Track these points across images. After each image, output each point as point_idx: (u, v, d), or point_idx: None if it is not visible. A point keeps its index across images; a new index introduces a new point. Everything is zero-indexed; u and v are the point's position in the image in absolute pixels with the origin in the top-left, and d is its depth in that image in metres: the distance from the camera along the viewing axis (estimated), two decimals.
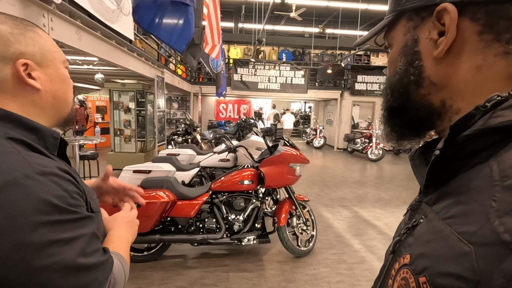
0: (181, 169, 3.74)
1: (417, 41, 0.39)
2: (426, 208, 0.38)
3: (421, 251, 0.33)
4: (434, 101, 0.40)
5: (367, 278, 2.58)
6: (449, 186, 0.34)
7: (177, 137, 7.83)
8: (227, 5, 12.07)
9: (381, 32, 0.46)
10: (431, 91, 0.39)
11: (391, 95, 0.44)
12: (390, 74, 0.44)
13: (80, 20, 2.76)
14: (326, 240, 3.33)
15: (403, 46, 0.41)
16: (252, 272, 2.61)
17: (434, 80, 0.38)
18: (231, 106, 14.26)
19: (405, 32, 0.41)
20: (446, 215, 0.32)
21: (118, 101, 6.09)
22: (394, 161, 9.33)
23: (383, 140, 0.49)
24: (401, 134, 0.46)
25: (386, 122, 0.47)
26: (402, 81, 0.41)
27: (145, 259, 2.71)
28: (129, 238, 0.74)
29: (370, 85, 11.14)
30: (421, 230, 0.36)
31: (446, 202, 0.33)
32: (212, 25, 4.37)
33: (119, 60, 3.83)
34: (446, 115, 0.39)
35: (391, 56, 0.45)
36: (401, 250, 0.39)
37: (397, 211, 4.43)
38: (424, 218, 0.37)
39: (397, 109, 0.44)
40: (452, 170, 0.34)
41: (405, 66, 0.41)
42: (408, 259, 0.35)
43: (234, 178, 2.76)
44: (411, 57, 0.40)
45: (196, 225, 2.73)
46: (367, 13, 11.11)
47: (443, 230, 0.31)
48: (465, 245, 0.27)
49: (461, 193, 0.32)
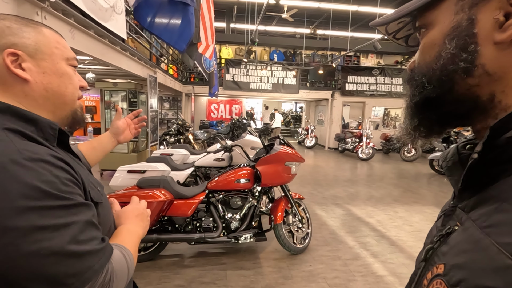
0: (175, 169, 3.73)
1: (475, 22, 0.33)
2: (462, 214, 0.35)
3: (456, 261, 0.31)
4: (482, 93, 0.34)
5: (362, 274, 2.65)
6: (489, 192, 0.32)
7: (169, 137, 7.79)
8: (219, 5, 12.05)
9: (416, 9, 0.39)
10: (481, 82, 0.34)
11: (428, 84, 0.38)
12: (428, 60, 0.38)
13: (73, 19, 2.73)
14: (320, 238, 3.39)
15: (454, 27, 0.35)
16: (250, 270, 2.64)
17: (488, 69, 0.33)
18: (222, 106, 14.24)
19: (456, 11, 0.35)
20: (485, 224, 0.29)
21: (109, 100, 6.01)
22: (383, 160, 9.52)
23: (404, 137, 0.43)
24: (430, 129, 0.41)
25: (415, 115, 0.41)
26: (446, 67, 0.35)
27: (142, 259, 2.70)
28: (139, 232, 0.73)
29: (360, 85, 11.33)
30: (456, 238, 0.34)
31: (485, 209, 0.31)
32: (206, 25, 4.37)
33: (112, 60, 3.80)
34: (492, 111, 0.34)
35: (431, 39, 0.38)
36: (434, 259, 0.36)
37: (388, 209, 4.54)
38: (460, 226, 0.34)
39: (434, 101, 0.38)
40: (492, 175, 0.31)
41: (454, 50, 0.35)
42: (442, 269, 0.32)
43: (230, 177, 2.78)
44: (464, 39, 0.34)
45: (193, 224, 2.73)
46: (357, 15, 11.29)
47: (482, 240, 0.28)
48: (508, 258, 0.25)
49: (502, 200, 0.29)
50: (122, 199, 2.47)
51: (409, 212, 4.42)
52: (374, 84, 11.40)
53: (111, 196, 2.55)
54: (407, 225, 3.88)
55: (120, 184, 3.11)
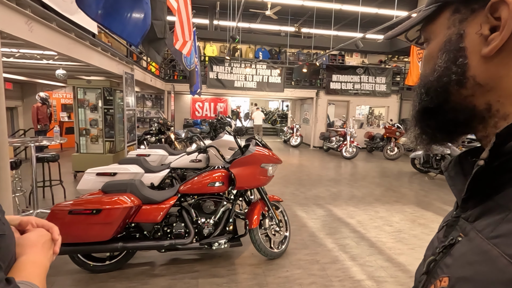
0: (150, 171, 3.56)
1: (463, 36, 0.36)
2: (466, 224, 0.35)
3: (462, 274, 0.30)
4: (478, 103, 0.36)
5: (339, 278, 2.58)
6: (495, 201, 0.31)
7: (150, 137, 7.54)
8: (202, 1, 11.81)
9: (417, 24, 0.42)
10: (475, 93, 0.35)
11: (426, 95, 0.40)
12: (427, 72, 0.40)
13: (30, 10, 2.51)
14: (300, 240, 3.31)
15: (446, 41, 0.37)
16: (223, 277, 2.51)
17: (479, 80, 0.34)
18: (207, 105, 14.01)
19: (448, 25, 0.37)
20: (493, 234, 0.29)
21: (83, 98, 5.72)
22: (367, 158, 9.60)
23: (411, 143, 0.44)
24: (432, 137, 0.42)
25: (417, 123, 0.43)
26: (441, 80, 0.38)
27: (108, 268, 2.53)
28: (45, 263, 0.62)
29: (344, 84, 11.38)
30: (461, 249, 0.33)
31: (491, 219, 0.30)
32: (182, 20, 4.19)
33: (80, 55, 3.57)
34: (491, 120, 0.35)
35: (429, 52, 0.41)
36: (437, 272, 0.36)
37: (369, 208, 4.52)
38: (464, 236, 0.34)
39: (433, 110, 0.40)
40: (498, 183, 0.31)
41: (446, 64, 0.37)
42: (446, 282, 0.32)
43: (204, 180, 2.64)
44: (454, 53, 0.36)
45: (163, 230, 2.58)
46: (341, 13, 11.31)
47: (490, 251, 0.28)
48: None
49: (510, 210, 0.29)
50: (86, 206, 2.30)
51: (390, 211, 4.41)
52: (358, 83, 11.47)
53: (76, 201, 2.37)
54: (387, 226, 3.85)
55: (88, 188, 2.92)
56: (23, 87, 8.41)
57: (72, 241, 2.30)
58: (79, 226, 2.26)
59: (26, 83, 8.18)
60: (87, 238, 2.30)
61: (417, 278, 0.42)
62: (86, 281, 2.41)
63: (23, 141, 3.78)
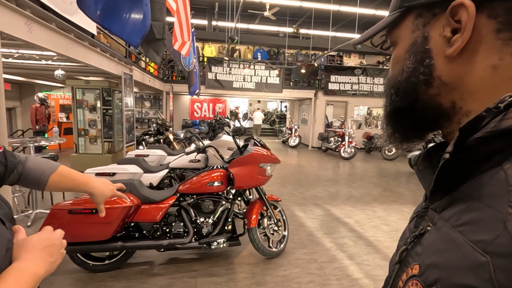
0: (149, 171, 3.57)
1: (428, 39, 0.37)
2: (434, 215, 0.36)
3: (431, 261, 0.31)
4: (443, 102, 0.38)
5: (337, 277, 2.60)
6: (460, 191, 0.33)
7: (148, 137, 7.54)
8: (200, 2, 11.84)
9: (383, 29, 0.44)
10: (441, 92, 0.37)
11: (396, 95, 0.41)
12: (395, 73, 0.42)
13: (30, 10, 2.53)
14: (298, 240, 3.33)
15: (412, 43, 0.39)
16: (222, 277, 2.53)
17: (445, 79, 0.36)
18: (206, 105, 14.01)
19: (413, 29, 0.39)
20: (458, 223, 0.30)
21: (82, 99, 5.73)
22: (365, 159, 9.64)
23: (385, 142, 0.46)
24: (405, 136, 0.44)
25: (389, 123, 0.44)
26: (410, 80, 0.39)
27: (107, 268, 2.54)
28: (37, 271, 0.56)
29: (342, 85, 11.42)
30: (430, 238, 0.35)
31: (456, 209, 0.32)
32: (181, 21, 4.21)
33: (79, 56, 3.59)
34: (455, 117, 0.37)
35: (397, 55, 0.42)
36: (409, 260, 0.37)
37: (367, 208, 4.54)
38: (432, 226, 0.35)
39: (403, 110, 0.42)
40: (462, 175, 0.33)
41: (413, 65, 0.39)
42: (417, 269, 0.33)
43: (202, 179, 2.66)
44: (420, 55, 0.38)
45: (162, 230, 2.60)
46: (339, 14, 11.37)
47: (456, 238, 0.29)
48: (481, 255, 0.25)
49: (473, 199, 0.30)
50: (86, 205, 2.31)
51: (387, 211, 4.44)
52: (356, 84, 11.51)
53: (74, 201, 2.38)
54: (385, 225, 3.88)
55: None
56: (21, 87, 8.40)
57: (71, 241, 2.31)
58: (79, 225, 2.27)
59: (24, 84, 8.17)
60: (87, 237, 2.31)
61: (391, 267, 0.44)
62: (85, 280, 2.42)
63: (22, 142, 3.78)
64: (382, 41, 0.48)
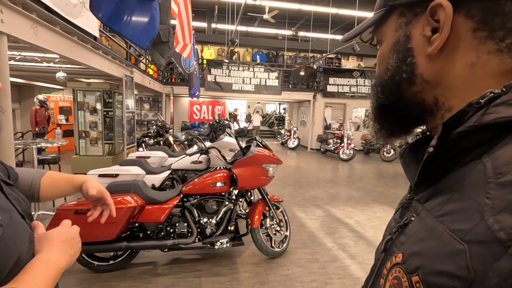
0: (151, 172, 3.59)
1: (410, 38, 0.38)
2: (418, 206, 0.37)
3: (413, 249, 0.32)
4: (426, 98, 0.39)
5: (339, 276, 2.63)
6: (442, 183, 0.34)
7: (148, 139, 7.55)
8: (200, 5, 11.90)
9: (369, 27, 0.45)
10: (423, 89, 0.38)
11: (381, 93, 0.43)
12: (381, 71, 0.43)
13: (36, 13, 2.56)
14: (299, 240, 3.36)
15: (395, 42, 0.40)
16: (225, 276, 2.56)
17: (427, 77, 0.38)
18: (205, 107, 14.05)
19: (396, 28, 0.40)
20: (439, 213, 0.31)
21: (82, 101, 5.75)
22: (364, 160, 9.70)
23: (372, 138, 0.48)
24: (391, 132, 0.45)
25: (376, 119, 0.46)
26: (394, 78, 0.40)
27: (111, 268, 2.56)
28: (60, 263, 0.59)
29: (341, 87, 11.50)
30: (413, 228, 0.36)
31: (438, 200, 0.33)
32: (183, 24, 4.26)
33: (82, 58, 3.62)
34: (439, 113, 0.38)
35: (382, 53, 0.43)
36: (393, 249, 0.38)
37: (367, 209, 4.59)
38: (416, 216, 0.36)
39: (388, 107, 0.43)
40: (445, 167, 0.34)
41: (397, 63, 0.40)
42: (400, 258, 0.34)
43: (206, 180, 2.69)
44: (403, 53, 0.39)
45: (166, 230, 2.62)
46: (337, 17, 11.47)
47: (436, 228, 0.30)
48: (459, 243, 0.26)
49: (454, 191, 0.31)
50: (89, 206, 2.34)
51: (387, 212, 4.49)
52: (354, 86, 11.60)
53: (79, 202, 2.40)
54: (385, 225, 3.87)
55: None
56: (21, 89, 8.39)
57: None
58: (84, 226, 2.25)
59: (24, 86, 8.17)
60: (92, 237, 2.33)
61: (377, 256, 0.45)
62: (90, 280, 2.44)
63: (25, 143, 3.80)
64: (370, 37, 0.49)
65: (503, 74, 0.33)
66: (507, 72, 0.33)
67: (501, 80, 0.33)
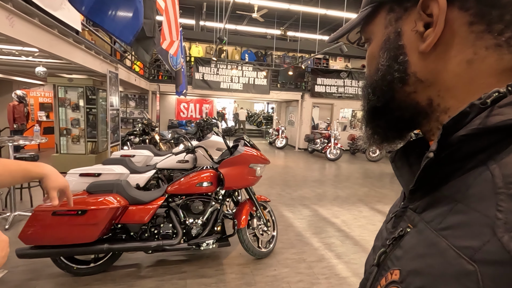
0: (135, 172, 3.50)
1: (401, 34, 0.36)
2: (414, 215, 0.34)
3: (413, 267, 0.29)
4: (420, 99, 0.36)
5: (326, 276, 2.63)
6: (442, 191, 0.31)
7: (133, 138, 7.37)
8: (188, 2, 11.73)
9: (357, 26, 0.42)
10: (417, 89, 0.36)
11: (372, 94, 0.40)
12: (371, 72, 0.40)
13: (11, 4, 2.42)
14: (286, 240, 3.35)
15: (385, 40, 0.38)
16: (211, 278, 2.51)
17: (420, 76, 0.35)
18: (192, 106, 13.86)
19: (385, 25, 0.38)
20: (441, 226, 0.28)
21: (64, 97, 5.54)
22: (350, 160, 9.83)
23: (365, 144, 0.44)
24: (384, 136, 0.42)
25: (368, 124, 0.43)
26: (385, 78, 0.38)
27: (92, 271, 2.46)
28: None
29: (329, 87, 11.61)
30: (410, 241, 0.32)
31: (439, 210, 0.30)
32: (170, 20, 4.16)
33: (62, 52, 3.47)
34: (433, 115, 0.36)
35: (371, 52, 0.41)
36: (388, 264, 0.35)
37: (353, 208, 4.63)
38: (412, 227, 0.33)
39: (380, 109, 0.40)
40: (444, 174, 0.31)
41: (388, 62, 0.37)
42: (397, 275, 0.31)
43: (192, 180, 2.63)
44: (394, 51, 0.36)
45: (150, 231, 2.55)
46: (326, 18, 11.56)
47: (438, 243, 0.27)
48: (467, 262, 0.24)
49: (457, 201, 0.28)
50: (68, 207, 2.24)
51: (373, 211, 4.55)
52: (342, 87, 11.73)
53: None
54: (371, 225, 3.97)
55: (71, 189, 2.82)
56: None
57: (55, 243, 2.23)
58: (63, 227, 2.19)
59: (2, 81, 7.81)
60: (71, 239, 2.23)
61: (367, 269, 0.41)
62: (70, 284, 2.34)
63: (0, 140, 3.61)
64: (358, 37, 0.47)
65: (503, 71, 0.30)
66: (507, 69, 0.30)
67: (501, 78, 0.30)
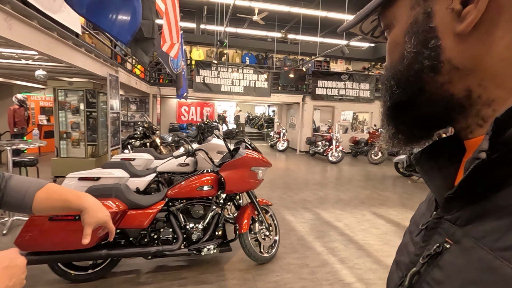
0: (135, 175, 3.45)
1: (432, 15, 0.31)
2: (453, 229, 0.29)
3: None
4: (456, 91, 0.31)
5: (329, 282, 2.57)
6: (493, 201, 0.26)
7: (134, 141, 7.34)
8: (188, 5, 11.76)
9: (375, 11, 0.37)
10: (452, 78, 0.30)
11: (396, 87, 0.34)
12: (394, 61, 0.35)
13: (9, 6, 2.40)
14: (289, 244, 3.29)
15: (411, 23, 0.32)
16: (212, 284, 2.45)
17: (456, 63, 0.30)
18: (193, 109, 13.85)
19: (412, 5, 0.32)
20: (499, 245, 0.23)
21: (64, 101, 5.51)
22: (352, 162, 9.76)
23: (387, 145, 0.38)
24: (410, 136, 0.36)
25: (390, 121, 0.37)
26: (412, 67, 0.32)
27: (90, 278, 2.41)
28: None
29: (329, 90, 11.58)
30: (455, 262, 0.27)
31: (493, 225, 0.25)
32: (170, 23, 4.14)
33: (62, 55, 3.45)
34: (473, 108, 0.30)
35: (394, 38, 0.35)
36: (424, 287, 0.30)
37: (356, 211, 4.57)
38: (453, 243, 0.28)
39: (406, 104, 0.34)
40: (494, 180, 0.26)
41: (415, 48, 0.32)
42: None
43: (192, 184, 2.58)
44: (424, 35, 0.31)
45: (150, 236, 2.49)
46: (326, 21, 11.55)
47: (500, 267, 0.22)
48: None
49: None
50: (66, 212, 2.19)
51: (376, 214, 4.48)
52: (343, 89, 11.70)
53: None
54: (374, 228, 3.90)
55: None
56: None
57: (52, 249, 2.18)
58: (60, 233, 2.14)
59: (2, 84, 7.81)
60: (69, 245, 2.18)
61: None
62: None
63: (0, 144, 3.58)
64: (373, 27, 0.41)
65: None
66: None
67: None
